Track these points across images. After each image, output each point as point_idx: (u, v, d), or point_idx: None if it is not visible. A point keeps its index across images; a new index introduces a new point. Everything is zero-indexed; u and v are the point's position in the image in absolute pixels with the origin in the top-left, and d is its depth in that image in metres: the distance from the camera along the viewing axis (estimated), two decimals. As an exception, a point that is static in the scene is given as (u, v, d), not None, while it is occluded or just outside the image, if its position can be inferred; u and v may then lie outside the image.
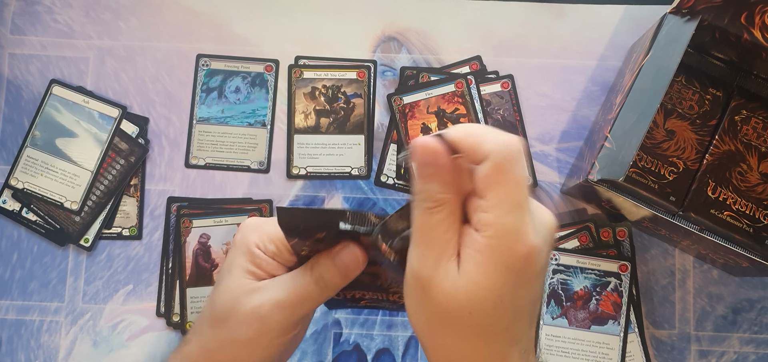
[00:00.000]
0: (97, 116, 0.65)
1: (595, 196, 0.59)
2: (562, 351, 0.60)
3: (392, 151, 0.65)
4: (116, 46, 0.67)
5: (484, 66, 0.66)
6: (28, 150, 0.64)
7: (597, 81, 0.66)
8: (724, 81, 0.59)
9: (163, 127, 0.66)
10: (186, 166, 0.65)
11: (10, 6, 0.68)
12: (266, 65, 0.67)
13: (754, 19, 0.54)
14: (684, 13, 0.55)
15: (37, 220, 0.64)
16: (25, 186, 0.64)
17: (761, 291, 0.63)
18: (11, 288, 0.64)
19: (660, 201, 0.57)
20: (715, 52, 0.59)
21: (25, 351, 0.63)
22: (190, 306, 0.63)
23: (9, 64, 0.67)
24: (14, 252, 0.64)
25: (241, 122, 0.66)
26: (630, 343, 0.61)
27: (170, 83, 0.67)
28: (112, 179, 0.64)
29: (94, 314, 0.64)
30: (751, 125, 0.58)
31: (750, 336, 0.62)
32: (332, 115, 0.66)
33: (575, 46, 0.66)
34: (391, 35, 0.67)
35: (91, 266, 0.64)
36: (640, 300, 0.62)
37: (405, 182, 0.65)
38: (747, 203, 0.57)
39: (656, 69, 0.53)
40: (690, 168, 0.57)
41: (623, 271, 0.61)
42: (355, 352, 0.63)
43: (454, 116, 0.65)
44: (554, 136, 0.65)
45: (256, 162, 0.65)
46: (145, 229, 0.65)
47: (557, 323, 0.61)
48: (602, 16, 0.66)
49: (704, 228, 0.56)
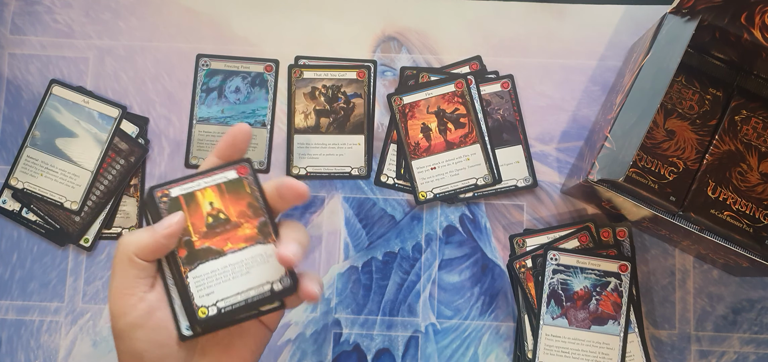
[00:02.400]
0: (97, 116, 0.65)
1: (595, 196, 0.59)
2: (562, 351, 0.60)
3: (392, 150, 0.65)
4: (116, 46, 0.67)
5: (484, 66, 0.66)
6: (28, 150, 0.64)
7: (597, 81, 0.66)
8: (724, 81, 0.59)
9: (163, 127, 0.66)
10: (186, 166, 0.65)
11: (10, 6, 0.68)
12: (266, 65, 0.67)
13: (754, 19, 0.54)
14: (684, 13, 0.55)
15: (37, 220, 0.64)
16: (25, 187, 0.64)
17: (761, 291, 0.63)
18: (11, 288, 0.64)
19: (660, 201, 0.57)
20: (715, 52, 0.59)
21: (24, 351, 0.63)
22: (190, 306, 0.63)
23: (9, 64, 0.67)
24: (14, 252, 0.64)
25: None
26: (630, 343, 0.61)
27: (170, 83, 0.67)
28: (112, 179, 0.64)
29: (94, 314, 0.64)
30: (751, 125, 0.58)
31: (750, 336, 0.62)
32: (332, 115, 0.66)
33: (575, 46, 0.66)
34: (391, 35, 0.67)
35: (91, 266, 0.64)
36: (640, 300, 0.62)
37: (405, 182, 0.65)
38: (747, 203, 0.57)
39: (656, 69, 0.53)
40: (690, 168, 0.57)
41: (623, 271, 0.61)
42: (355, 352, 0.63)
43: (454, 116, 0.65)
44: (554, 136, 0.65)
45: (256, 162, 0.65)
46: (145, 229, 0.65)
47: (557, 323, 0.61)
48: (602, 16, 0.66)
49: (704, 228, 0.56)
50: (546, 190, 0.65)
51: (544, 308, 0.61)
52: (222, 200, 0.49)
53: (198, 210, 0.48)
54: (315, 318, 0.63)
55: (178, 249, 0.48)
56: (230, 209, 0.48)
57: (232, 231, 0.48)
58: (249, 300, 0.47)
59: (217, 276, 0.48)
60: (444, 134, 0.64)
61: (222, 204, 0.48)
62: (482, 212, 0.65)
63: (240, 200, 0.49)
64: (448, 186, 0.64)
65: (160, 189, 0.48)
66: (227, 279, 0.48)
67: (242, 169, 0.49)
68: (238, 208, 0.48)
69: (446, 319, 0.63)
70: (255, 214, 0.48)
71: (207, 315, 0.47)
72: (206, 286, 0.48)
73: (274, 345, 0.63)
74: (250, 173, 0.49)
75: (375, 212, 0.65)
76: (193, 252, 0.48)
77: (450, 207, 0.65)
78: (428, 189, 0.64)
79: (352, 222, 0.64)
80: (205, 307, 0.47)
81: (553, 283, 0.61)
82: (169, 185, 0.48)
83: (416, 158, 0.64)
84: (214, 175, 0.49)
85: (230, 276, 0.48)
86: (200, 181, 0.48)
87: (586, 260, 0.61)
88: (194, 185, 0.48)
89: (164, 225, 0.46)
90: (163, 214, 0.47)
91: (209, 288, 0.48)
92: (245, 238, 0.48)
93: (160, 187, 0.48)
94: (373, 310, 0.63)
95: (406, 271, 0.64)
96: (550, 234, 0.63)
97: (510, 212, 0.64)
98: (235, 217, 0.48)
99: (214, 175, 0.49)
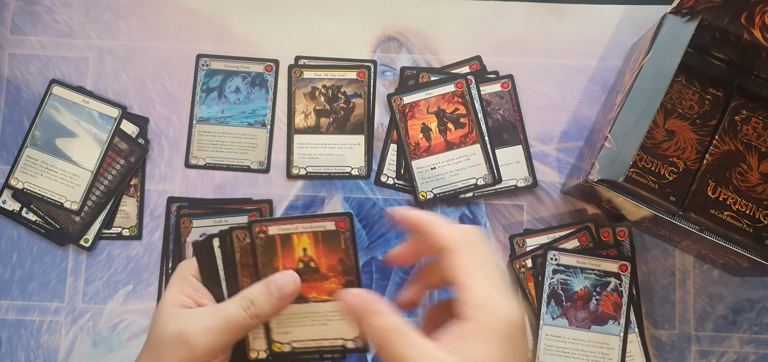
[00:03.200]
0: (97, 116, 0.65)
1: (595, 196, 0.59)
2: (562, 351, 0.60)
3: (392, 150, 0.65)
4: (116, 46, 0.67)
5: (484, 66, 0.66)
6: (28, 150, 0.64)
7: (597, 81, 0.66)
8: (724, 81, 0.59)
9: (163, 127, 0.66)
10: (186, 166, 0.65)
11: (10, 6, 0.68)
12: (266, 65, 0.67)
13: (754, 19, 0.54)
14: (684, 13, 0.55)
15: (37, 220, 0.64)
16: (25, 187, 0.64)
17: (761, 291, 0.63)
18: (11, 288, 0.64)
19: (660, 201, 0.57)
20: (715, 52, 0.59)
21: (25, 351, 0.63)
22: (190, 306, 0.63)
23: (9, 64, 0.67)
24: (14, 253, 0.64)
25: (241, 122, 0.66)
26: (630, 343, 0.61)
27: (170, 83, 0.67)
28: (112, 179, 0.64)
29: (94, 314, 0.64)
30: (751, 125, 0.58)
31: (750, 336, 0.62)
32: (332, 115, 0.66)
33: (575, 46, 0.66)
34: (391, 35, 0.67)
35: (91, 266, 0.64)
36: (640, 301, 0.62)
37: (405, 182, 0.65)
38: (747, 203, 0.57)
39: (656, 69, 0.53)
40: (690, 168, 0.57)
41: (623, 271, 0.61)
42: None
43: (454, 116, 0.65)
44: (554, 136, 0.65)
45: (256, 162, 0.65)
46: (145, 229, 0.65)
47: (557, 323, 0.61)
48: (602, 16, 0.66)
49: (704, 228, 0.56)
50: (546, 190, 0.65)
51: (544, 308, 0.61)
52: (315, 249, 0.50)
53: (291, 253, 0.49)
54: (315, 318, 0.64)
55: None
56: (322, 260, 0.50)
57: (319, 282, 0.50)
58: (320, 349, 0.50)
59: (297, 320, 0.50)
60: (444, 134, 0.64)
61: (314, 253, 0.50)
62: (482, 212, 0.65)
63: (333, 253, 0.50)
64: (448, 186, 0.64)
65: (259, 225, 0.49)
66: (305, 324, 0.50)
67: (342, 223, 0.50)
68: (328, 261, 0.50)
69: (446, 319, 0.63)
70: (344, 272, 0.50)
71: (280, 351, 0.50)
72: (285, 325, 0.50)
73: (274, 345, 0.63)
74: (348, 229, 0.50)
75: (375, 212, 0.65)
76: None
77: (450, 207, 0.65)
78: (428, 189, 0.64)
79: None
80: (279, 343, 0.50)
81: (553, 283, 0.61)
82: (267, 223, 0.49)
83: (416, 158, 0.64)
84: (313, 222, 0.49)
85: (309, 322, 0.50)
86: (298, 225, 0.49)
87: (586, 260, 0.61)
88: (292, 227, 0.49)
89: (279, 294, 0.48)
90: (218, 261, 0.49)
91: (287, 327, 0.50)
92: (329, 292, 0.50)
93: (259, 223, 0.49)
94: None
95: (406, 271, 0.64)
96: (550, 234, 0.63)
97: (510, 212, 0.64)
98: (324, 269, 0.50)
99: (314, 222, 0.49)
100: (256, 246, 0.49)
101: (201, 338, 0.45)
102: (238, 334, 0.47)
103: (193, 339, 0.45)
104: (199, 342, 0.45)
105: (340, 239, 0.49)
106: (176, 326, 0.45)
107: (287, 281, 0.47)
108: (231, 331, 0.46)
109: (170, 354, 0.45)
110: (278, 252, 0.49)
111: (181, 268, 0.49)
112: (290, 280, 0.48)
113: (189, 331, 0.45)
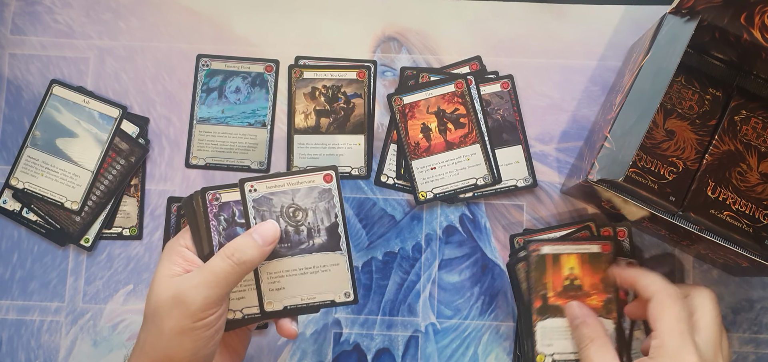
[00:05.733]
0: (98, 116, 0.65)
1: (595, 196, 0.59)
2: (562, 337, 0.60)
3: (392, 150, 0.65)
4: (116, 46, 0.67)
5: (484, 66, 0.66)
6: (29, 150, 0.64)
7: (597, 81, 0.66)
8: (724, 81, 0.59)
9: (163, 127, 0.66)
10: (186, 166, 0.65)
11: (10, 6, 0.68)
12: (266, 65, 0.67)
13: (753, 19, 0.54)
14: (684, 13, 0.55)
15: (38, 220, 0.64)
16: (25, 187, 0.64)
17: (761, 291, 0.63)
18: (11, 288, 0.64)
19: (660, 201, 0.57)
20: (715, 52, 0.59)
21: (25, 351, 0.63)
22: (191, 306, 0.63)
23: (9, 64, 0.67)
24: (14, 252, 0.65)
25: (242, 122, 0.66)
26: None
27: (170, 83, 0.67)
28: (112, 179, 0.64)
29: (95, 314, 0.64)
30: (751, 125, 0.58)
31: (750, 336, 0.62)
32: (332, 115, 0.66)
33: (575, 46, 0.66)
34: (391, 35, 0.67)
35: (92, 266, 0.64)
36: (639, 300, 0.62)
37: (405, 182, 0.65)
38: (747, 203, 0.57)
39: (656, 69, 0.53)
40: (690, 168, 0.57)
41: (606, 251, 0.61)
42: (355, 352, 0.63)
43: (454, 116, 0.65)
44: (554, 136, 0.65)
45: (256, 162, 0.65)
46: (146, 229, 0.65)
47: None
48: (602, 16, 0.66)
49: (704, 228, 0.56)
50: (546, 190, 0.65)
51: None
52: (581, 268, 0.58)
53: (559, 271, 0.58)
54: (315, 318, 0.64)
55: (535, 299, 0.58)
56: (586, 279, 0.58)
57: (582, 299, 0.57)
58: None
59: (560, 334, 0.58)
60: (444, 134, 0.64)
61: (580, 272, 0.58)
62: (482, 212, 0.65)
63: (596, 273, 0.58)
64: (448, 186, 0.64)
65: (534, 244, 0.58)
66: (567, 337, 0.57)
67: (607, 246, 0.58)
68: (592, 280, 0.58)
69: (446, 319, 0.63)
70: (605, 290, 0.58)
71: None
72: (548, 337, 0.58)
73: (275, 345, 0.63)
74: (612, 252, 0.58)
75: (375, 212, 0.65)
76: (545, 306, 0.58)
77: (450, 207, 0.65)
78: (428, 189, 0.64)
79: (352, 223, 0.65)
80: (543, 355, 0.58)
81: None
82: (541, 242, 0.58)
83: (416, 158, 0.64)
84: (580, 245, 0.58)
85: (568, 335, 0.57)
86: (568, 247, 0.58)
87: (570, 247, 0.61)
88: (562, 248, 0.58)
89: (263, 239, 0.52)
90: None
91: (550, 340, 0.58)
92: (590, 308, 0.57)
93: (534, 243, 0.58)
94: (373, 310, 0.64)
95: (406, 271, 0.64)
96: (549, 234, 0.63)
97: (510, 212, 0.64)
98: (587, 287, 0.58)
99: (581, 244, 0.58)
100: (530, 263, 0.58)
101: (193, 294, 0.47)
102: (228, 284, 0.49)
103: (186, 298, 0.47)
104: (193, 299, 0.47)
105: (603, 260, 0.58)
106: (170, 292, 0.48)
107: (269, 229, 0.51)
108: (219, 283, 0.48)
109: (168, 318, 0.47)
110: (550, 270, 0.58)
111: (171, 242, 0.52)
112: (271, 228, 0.51)
113: (182, 291, 0.48)
